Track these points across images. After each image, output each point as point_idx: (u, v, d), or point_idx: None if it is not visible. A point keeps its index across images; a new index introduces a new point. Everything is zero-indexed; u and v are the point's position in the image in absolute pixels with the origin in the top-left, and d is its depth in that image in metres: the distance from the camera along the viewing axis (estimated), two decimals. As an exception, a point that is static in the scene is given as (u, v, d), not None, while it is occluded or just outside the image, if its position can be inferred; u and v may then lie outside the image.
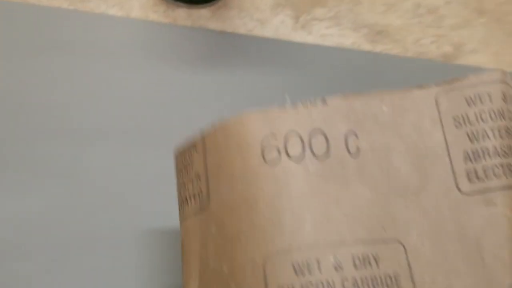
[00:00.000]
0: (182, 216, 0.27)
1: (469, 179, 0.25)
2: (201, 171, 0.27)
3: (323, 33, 0.43)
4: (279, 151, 0.25)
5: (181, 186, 0.28)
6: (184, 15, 0.43)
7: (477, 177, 0.25)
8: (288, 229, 0.24)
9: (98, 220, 0.34)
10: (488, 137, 0.26)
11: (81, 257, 0.33)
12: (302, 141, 0.25)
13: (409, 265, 0.24)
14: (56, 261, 0.32)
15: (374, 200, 0.25)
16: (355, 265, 0.24)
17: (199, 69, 0.40)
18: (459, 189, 0.25)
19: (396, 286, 0.24)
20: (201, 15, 0.43)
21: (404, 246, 0.24)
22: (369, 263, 0.24)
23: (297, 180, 0.25)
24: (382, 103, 0.26)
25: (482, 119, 0.26)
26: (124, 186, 0.35)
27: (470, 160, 0.26)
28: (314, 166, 0.25)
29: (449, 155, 0.26)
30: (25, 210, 0.34)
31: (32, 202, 0.34)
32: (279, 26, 0.43)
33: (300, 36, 0.43)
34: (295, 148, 0.25)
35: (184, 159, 0.28)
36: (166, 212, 0.35)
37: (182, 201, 0.28)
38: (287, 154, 0.25)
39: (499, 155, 0.25)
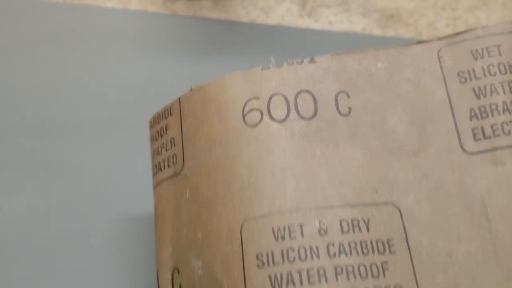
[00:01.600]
0: (155, 182, 0.26)
1: (475, 138, 0.23)
2: (176, 135, 0.25)
3: (331, 20, 0.41)
4: (261, 113, 0.23)
5: (155, 153, 0.26)
6: (184, 6, 0.42)
7: (484, 135, 0.23)
8: (268, 192, 0.22)
9: (87, 217, 0.33)
10: (497, 92, 0.23)
11: (70, 255, 0.31)
12: (287, 102, 0.24)
13: (404, 229, 0.22)
14: (44, 260, 0.31)
15: (367, 161, 0.23)
16: (342, 230, 0.22)
17: (201, 60, 0.38)
18: (463, 149, 0.23)
19: (389, 251, 0.21)
20: (202, 6, 0.42)
21: (399, 210, 0.22)
22: (359, 227, 0.22)
23: (280, 142, 0.23)
24: (377, 60, 0.24)
25: (490, 73, 0.23)
26: (114, 181, 0.34)
27: (476, 117, 0.23)
28: (299, 127, 0.23)
29: (452, 113, 0.23)
30: (10, 207, 0.33)
31: (18, 199, 0.33)
32: (284, 15, 0.42)
33: (306, 24, 0.41)
34: (279, 110, 0.23)
35: (159, 125, 0.26)
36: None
37: (155, 167, 0.26)
38: (270, 115, 0.23)
39: (509, 111, 0.23)
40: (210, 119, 0.24)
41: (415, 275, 0.21)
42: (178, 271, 0.23)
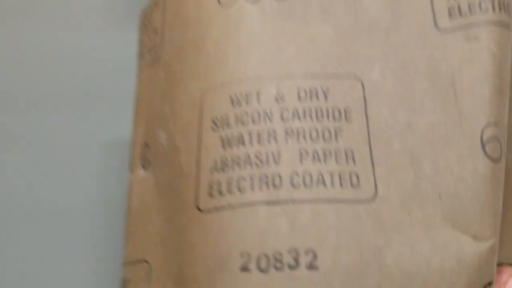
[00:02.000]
0: (138, 71, 0.26)
1: (450, 15, 0.22)
2: (159, 24, 0.26)
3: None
4: None
5: (140, 43, 0.27)
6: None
7: (460, 13, 0.22)
8: (232, 63, 0.22)
9: (56, 189, 0.32)
10: None
11: (41, 228, 0.31)
12: None
13: (364, 100, 0.21)
14: (10, 235, 0.31)
15: (336, 38, 0.22)
16: (299, 97, 0.21)
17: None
18: (437, 26, 0.22)
19: (345, 119, 0.21)
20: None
21: (362, 82, 0.21)
22: (316, 96, 0.21)
23: (250, 20, 0.23)
24: None
25: None
26: (85, 154, 0.33)
27: None
28: (272, 7, 0.23)
29: None
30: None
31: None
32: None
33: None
34: None
35: (146, 17, 0.27)
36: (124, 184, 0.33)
37: (139, 56, 0.27)
38: None
39: None
40: (187, 3, 0.24)
41: (369, 142, 0.20)
42: (148, 146, 0.24)
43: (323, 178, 0.20)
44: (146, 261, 0.21)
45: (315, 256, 0.18)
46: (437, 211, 0.19)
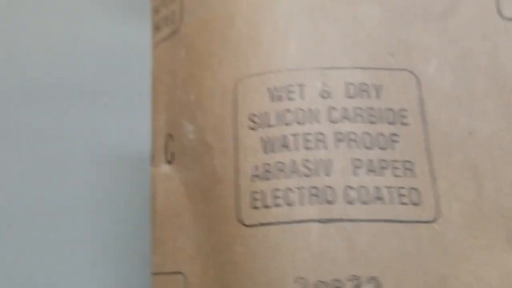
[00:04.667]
0: (153, 44, 0.23)
1: None
2: None
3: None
4: None
5: (154, 12, 0.23)
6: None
7: None
8: (268, 47, 0.19)
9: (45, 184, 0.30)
10: None
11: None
12: None
13: (421, 99, 0.19)
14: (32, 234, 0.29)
15: (385, 22, 0.19)
16: (347, 94, 0.18)
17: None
18: (500, 14, 0.19)
19: (400, 123, 0.18)
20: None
21: (417, 78, 0.19)
22: (367, 92, 0.19)
23: None
24: None
25: None
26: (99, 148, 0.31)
27: None
28: None
29: None
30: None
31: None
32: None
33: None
34: None
35: None
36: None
37: (154, 28, 0.23)
38: None
39: None
40: None
41: (428, 153, 0.18)
42: (172, 138, 0.21)
43: (381, 193, 0.18)
44: (181, 273, 0.19)
45: (378, 286, 0.17)
46: (501, 234, 0.18)
